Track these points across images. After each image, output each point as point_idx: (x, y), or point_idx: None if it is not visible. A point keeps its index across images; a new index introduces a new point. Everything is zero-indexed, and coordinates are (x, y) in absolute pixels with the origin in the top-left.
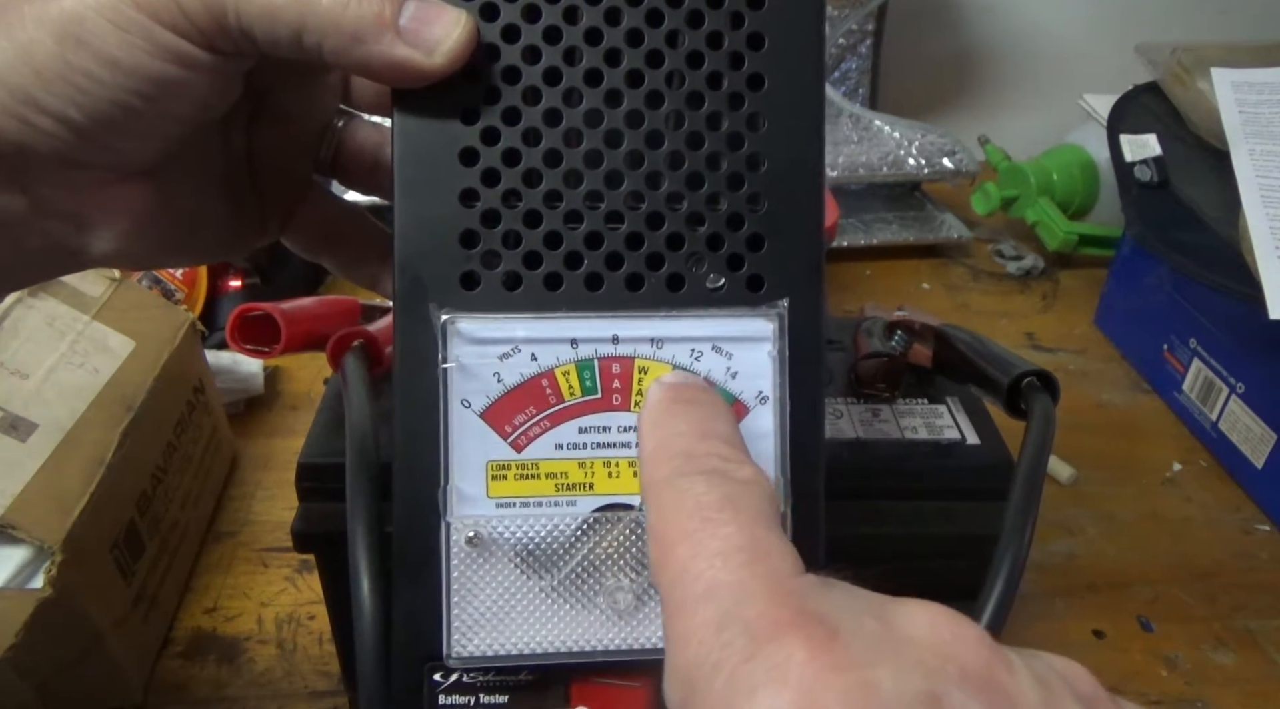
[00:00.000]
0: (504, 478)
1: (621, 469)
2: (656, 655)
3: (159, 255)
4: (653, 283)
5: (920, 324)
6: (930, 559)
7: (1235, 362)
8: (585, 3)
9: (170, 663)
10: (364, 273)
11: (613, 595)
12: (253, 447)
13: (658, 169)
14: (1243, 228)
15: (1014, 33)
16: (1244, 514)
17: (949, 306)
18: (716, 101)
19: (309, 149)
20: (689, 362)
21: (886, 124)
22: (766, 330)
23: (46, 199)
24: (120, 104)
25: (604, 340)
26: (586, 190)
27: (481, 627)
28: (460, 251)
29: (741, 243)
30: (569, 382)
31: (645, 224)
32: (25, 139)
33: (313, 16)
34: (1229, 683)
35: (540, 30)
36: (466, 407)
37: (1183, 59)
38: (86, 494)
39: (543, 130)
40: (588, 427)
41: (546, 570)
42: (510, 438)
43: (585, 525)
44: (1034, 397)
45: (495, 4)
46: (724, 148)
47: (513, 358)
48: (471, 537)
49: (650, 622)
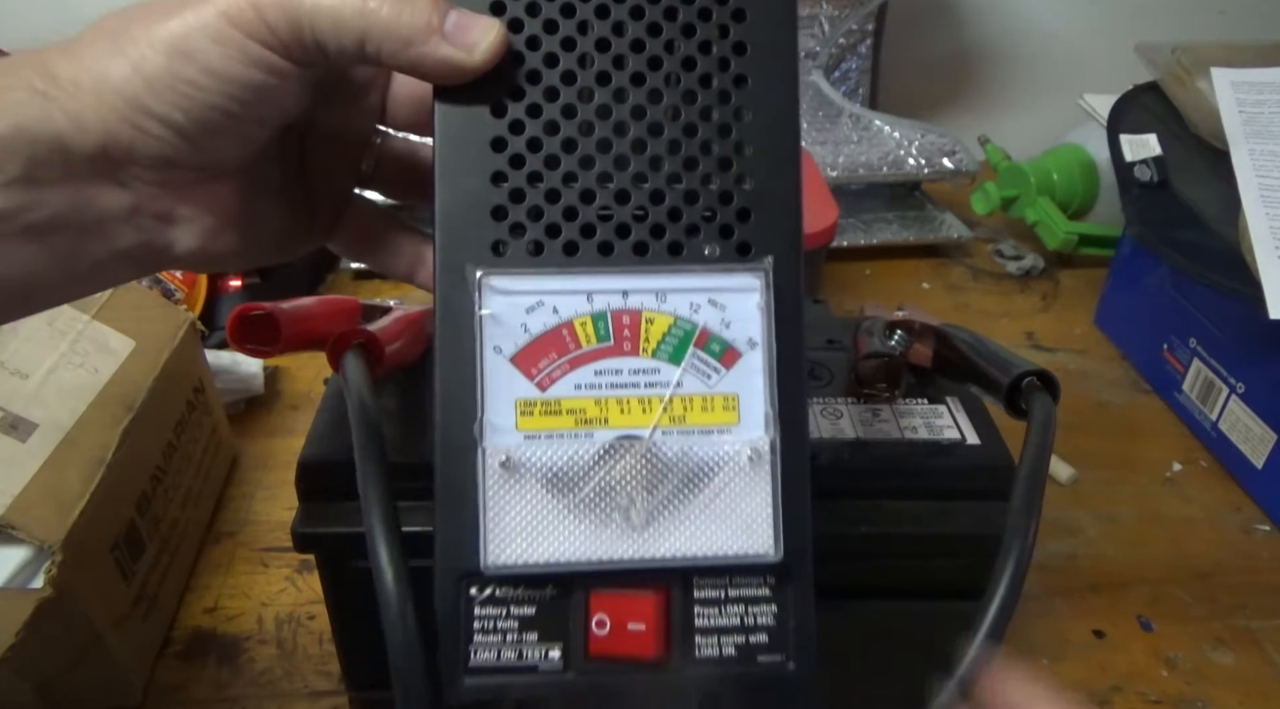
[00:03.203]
0: (531, 414)
1: (631, 406)
2: (665, 565)
3: (229, 256)
4: (656, 249)
5: (920, 324)
6: (930, 559)
7: (1235, 362)
8: (595, 17)
9: (170, 663)
10: (400, 267)
11: (626, 512)
12: (253, 447)
13: (659, 154)
14: (1243, 228)
15: (1014, 33)
16: (1244, 514)
17: (949, 306)
18: (707, 98)
19: (352, 164)
20: (689, 312)
21: (886, 124)
22: (754, 284)
23: (144, 197)
24: (218, 108)
25: (615, 294)
26: (599, 172)
27: (513, 540)
28: (491, 223)
29: (731, 215)
30: (586, 331)
31: (649, 200)
32: (134, 142)
33: (374, 26)
34: (1229, 683)
35: (558, 40)
36: (498, 352)
37: (1183, 59)
38: (86, 494)
39: (560, 123)
40: (602, 369)
41: (568, 491)
42: (536, 379)
43: (601, 453)
44: (1034, 396)
45: (520, 19)
46: (714, 136)
47: (537, 310)
48: (504, 460)
49: (659, 537)
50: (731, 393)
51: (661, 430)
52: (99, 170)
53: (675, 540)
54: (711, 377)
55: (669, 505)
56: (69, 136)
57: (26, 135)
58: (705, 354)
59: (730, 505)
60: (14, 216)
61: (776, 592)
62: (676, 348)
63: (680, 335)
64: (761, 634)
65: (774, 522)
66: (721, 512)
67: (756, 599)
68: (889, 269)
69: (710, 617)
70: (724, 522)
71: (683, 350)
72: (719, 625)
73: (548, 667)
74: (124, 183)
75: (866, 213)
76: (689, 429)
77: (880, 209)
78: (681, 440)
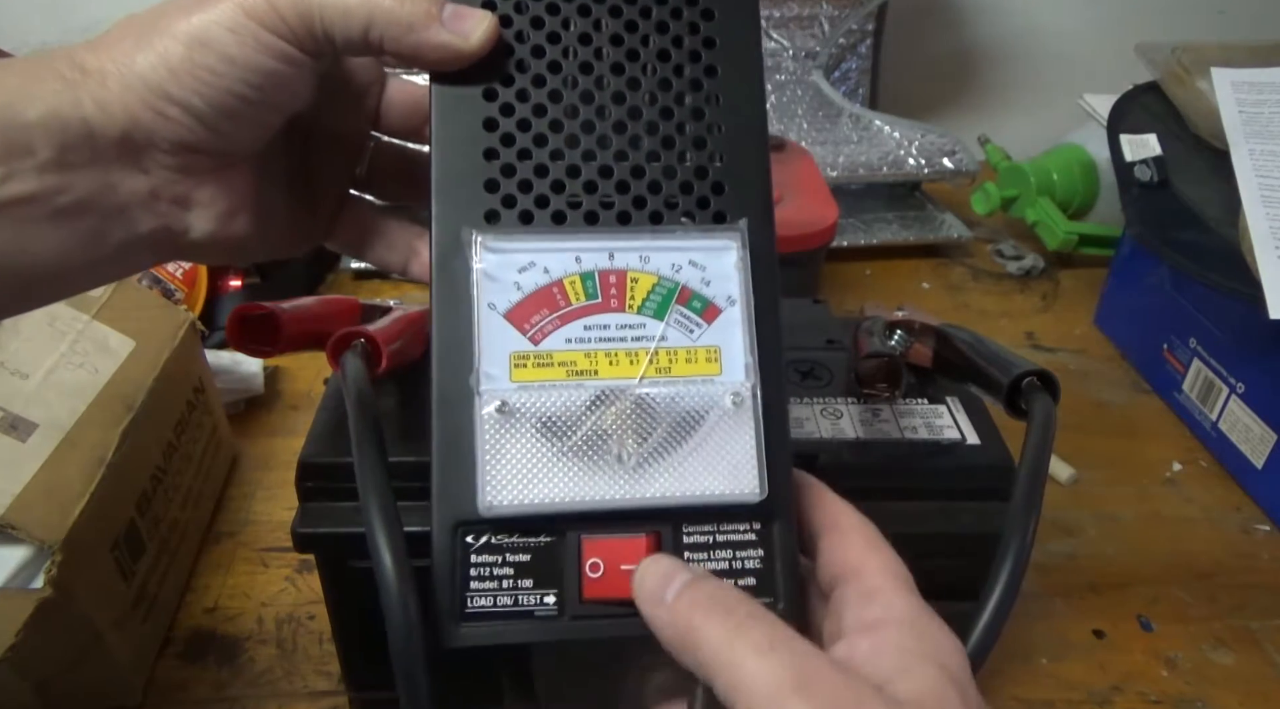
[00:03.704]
0: (524, 366)
1: (620, 358)
2: (655, 506)
3: (241, 244)
4: (638, 218)
5: (920, 324)
6: (930, 559)
7: (1235, 362)
8: (578, 15)
9: (170, 663)
10: (395, 260)
11: (616, 456)
12: (253, 447)
13: (638, 134)
14: (1243, 228)
15: (1014, 33)
16: (1244, 514)
17: (949, 306)
18: (681, 86)
19: (350, 164)
20: (671, 272)
21: (886, 124)
22: (731, 244)
23: (164, 182)
24: (235, 94)
25: (602, 255)
26: (584, 149)
27: (508, 484)
28: (485, 195)
29: (707, 188)
30: (575, 289)
31: (630, 174)
32: (156, 127)
33: (378, 13)
34: (1229, 683)
35: (544, 34)
36: (493, 308)
37: (1183, 59)
38: (86, 494)
39: (548, 106)
40: (591, 324)
41: (561, 437)
42: (529, 334)
43: (592, 401)
44: (1034, 396)
45: (509, 15)
46: (689, 119)
47: (529, 270)
48: (500, 405)
49: (649, 480)
50: (714, 345)
51: (649, 381)
52: (123, 155)
53: (664, 483)
54: (694, 331)
55: (658, 451)
56: (96, 122)
57: (59, 121)
58: (688, 310)
59: (716, 449)
60: (47, 199)
61: (761, 536)
62: (660, 304)
63: (664, 293)
64: (750, 577)
65: (758, 463)
66: (708, 456)
67: (743, 543)
68: (889, 269)
69: (700, 561)
70: (711, 465)
71: (666, 307)
72: (709, 569)
73: (543, 612)
74: (145, 168)
75: (866, 213)
76: (675, 379)
77: (880, 209)
78: (668, 390)
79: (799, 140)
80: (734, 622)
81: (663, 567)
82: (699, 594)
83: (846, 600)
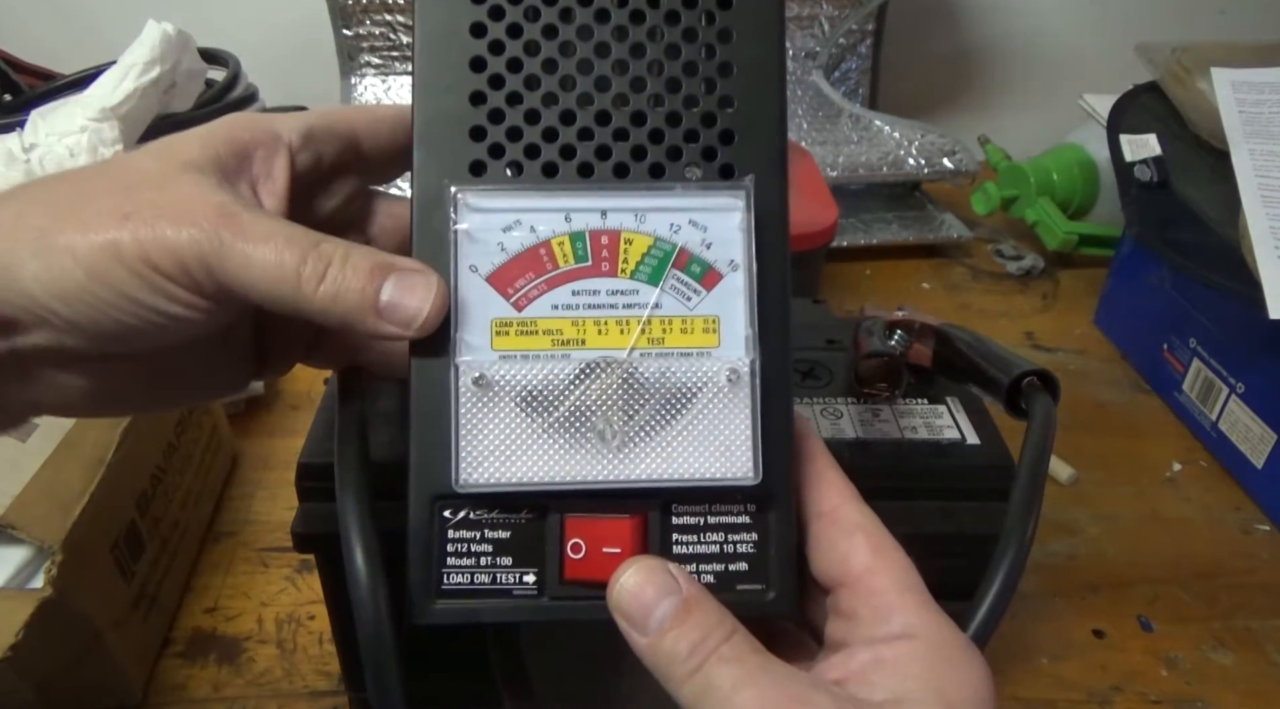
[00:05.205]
0: (506, 334)
1: (609, 327)
2: (641, 486)
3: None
4: (637, 171)
5: (920, 324)
6: (930, 559)
7: (1235, 362)
8: None
9: (170, 663)
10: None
11: (601, 433)
12: (253, 447)
13: (641, 75)
14: (1243, 228)
15: (1014, 33)
16: (1244, 514)
17: (949, 306)
18: (691, 19)
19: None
20: (668, 233)
21: (886, 124)
22: (736, 204)
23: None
24: (129, 327)
25: (594, 214)
26: (579, 93)
27: (487, 459)
28: (470, 144)
29: (715, 137)
30: (564, 250)
31: (630, 121)
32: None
33: (308, 306)
34: (1229, 683)
35: None
36: (474, 271)
37: (1183, 59)
38: (86, 494)
39: (541, 43)
40: (580, 290)
41: (543, 411)
42: (512, 299)
43: (578, 373)
44: (1034, 396)
45: None
46: (699, 57)
47: (514, 230)
48: (478, 377)
49: (635, 459)
50: (712, 315)
51: (640, 352)
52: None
53: (652, 463)
54: (692, 298)
55: (646, 428)
56: None
57: None
58: (685, 275)
59: (709, 428)
60: None
61: (756, 520)
62: (655, 269)
63: (660, 256)
64: (741, 562)
65: (753, 445)
66: (700, 435)
67: (736, 527)
68: (889, 269)
69: (689, 544)
70: (702, 445)
71: (661, 271)
72: (697, 553)
73: (522, 591)
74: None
75: (866, 213)
76: (668, 351)
77: (880, 209)
78: (660, 362)
79: (799, 140)
80: None
81: (646, 596)
82: (681, 643)
83: (856, 611)
